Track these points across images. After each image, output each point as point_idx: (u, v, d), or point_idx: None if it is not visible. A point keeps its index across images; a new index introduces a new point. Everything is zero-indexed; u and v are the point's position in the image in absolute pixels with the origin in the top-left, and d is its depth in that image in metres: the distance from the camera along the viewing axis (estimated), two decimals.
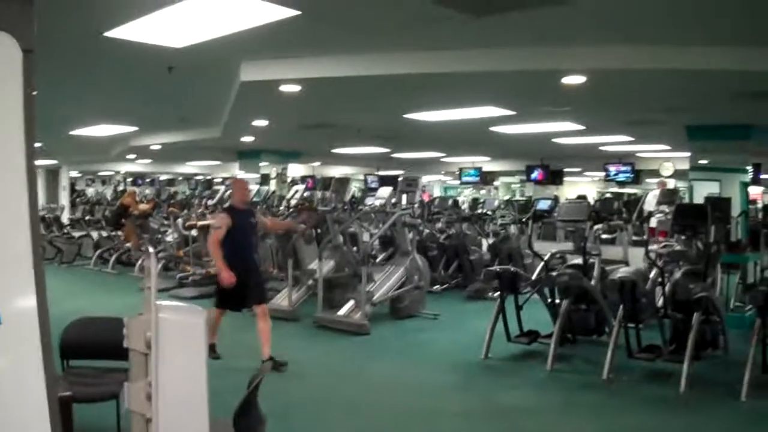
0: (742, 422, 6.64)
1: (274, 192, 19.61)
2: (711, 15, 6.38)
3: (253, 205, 11.42)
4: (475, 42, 7.46)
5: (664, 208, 12.77)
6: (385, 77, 8.40)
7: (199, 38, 7.06)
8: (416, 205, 15.08)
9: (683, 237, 9.18)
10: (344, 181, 16.36)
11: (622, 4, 6.17)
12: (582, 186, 29.78)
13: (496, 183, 29.05)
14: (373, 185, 22.86)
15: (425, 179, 30.14)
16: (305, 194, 18.73)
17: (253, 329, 8.67)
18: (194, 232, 13.86)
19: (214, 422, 3.00)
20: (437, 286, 13.39)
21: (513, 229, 15.85)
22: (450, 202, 17.71)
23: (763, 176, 18.81)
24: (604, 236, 15.61)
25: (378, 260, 12.68)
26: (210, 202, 17.74)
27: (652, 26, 6.80)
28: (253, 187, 18.27)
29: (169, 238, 15.50)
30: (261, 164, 21.23)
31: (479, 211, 18.74)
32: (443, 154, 21.96)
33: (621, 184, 21.02)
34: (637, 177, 19.70)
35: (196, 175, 32.44)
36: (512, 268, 9.09)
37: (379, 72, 8.25)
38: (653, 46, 7.37)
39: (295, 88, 9.18)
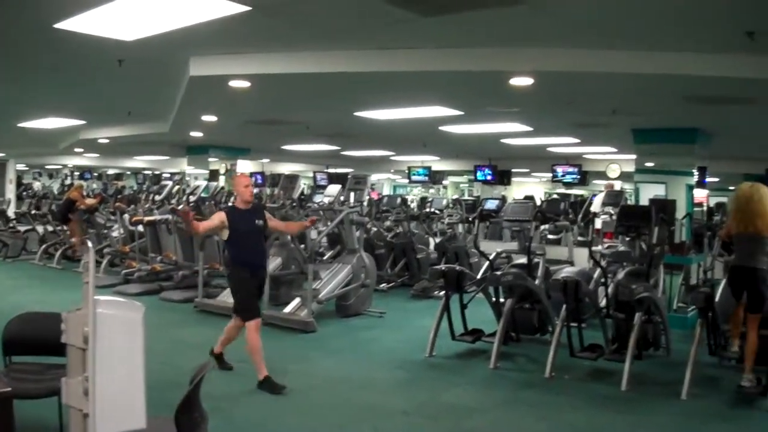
0: (683, 420, 6.75)
1: (222, 188, 19.50)
2: (658, 20, 6.49)
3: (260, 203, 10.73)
4: (424, 42, 7.51)
5: (609, 209, 12.93)
6: (334, 75, 8.41)
7: (150, 32, 7.04)
8: (365, 203, 15.11)
9: (627, 238, 9.29)
10: (293, 178, 16.35)
11: (569, 7, 6.25)
12: (530, 186, 29.97)
13: (445, 182, 29.15)
14: (323, 182, 22.83)
15: (375, 177, 30.19)
16: (255, 191, 18.64)
17: (196, 325, 8.67)
18: (140, 228, 13.74)
19: (156, 420, 2.99)
20: (384, 285, 13.43)
21: (461, 228, 15.93)
22: (398, 200, 17.75)
23: (708, 179, 19.07)
24: (550, 236, 15.76)
25: (325, 258, 12.69)
26: (157, 198, 17.60)
27: (600, 30, 6.89)
28: (202, 183, 18.16)
29: (115, 234, 15.35)
30: (210, 160, 21.12)
31: (427, 209, 18.81)
32: (393, 153, 22.02)
33: (568, 185, 21.19)
34: (584, 178, 19.86)
35: (144, 169, 32.16)
36: (457, 267, 9.15)
37: (329, 70, 8.26)
38: (600, 49, 7.47)
39: (245, 84, 9.16)
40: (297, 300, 10.44)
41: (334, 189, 12.93)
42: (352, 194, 12.85)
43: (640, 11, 6.27)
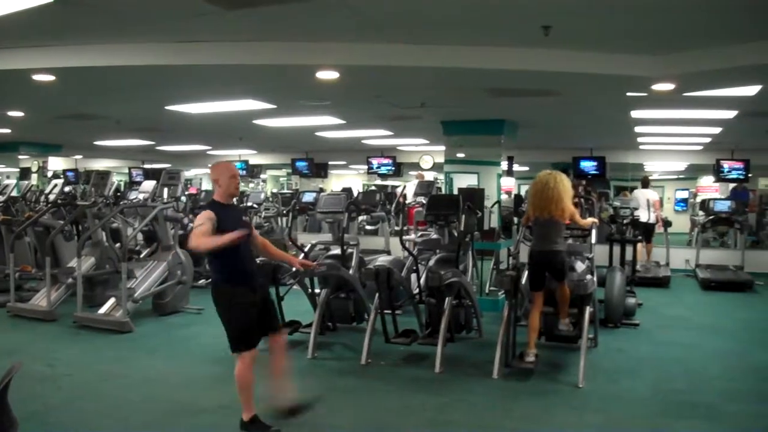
0: (494, 398, 7.07)
1: (34, 186, 18.86)
2: (458, 15, 6.72)
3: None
4: (230, 35, 7.53)
5: (421, 199, 13.25)
6: (141, 68, 8.31)
7: None
8: (183, 199, 14.93)
9: (437, 226, 9.56)
10: (105, 175, 15.96)
11: (372, 3, 6.41)
12: (348, 178, 30.29)
13: (263, 176, 29.09)
14: (138, 179, 22.39)
15: (194, 172, 29.80)
16: (66, 189, 18.09)
17: (8, 331, 8.38)
18: None
19: None
20: (202, 281, 13.30)
21: (280, 221, 15.99)
22: None
23: (518, 168, 19.78)
24: (368, 227, 15.99)
25: (142, 256, 12.49)
26: None
27: (402, 25, 7.08)
28: (11, 181, 17.54)
29: None
30: (20, 157, 20.44)
31: (245, 204, 18.76)
32: (209, 147, 21.80)
33: (384, 176, 21.55)
34: (399, 169, 20.26)
35: None
36: (273, 260, 9.19)
37: (136, 62, 8.15)
38: (402, 44, 7.67)
39: (49, 77, 8.93)
40: (112, 300, 10.21)
41: (149, 185, 12.73)
42: (166, 190, 12.65)
43: (440, 6, 6.48)
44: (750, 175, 17.37)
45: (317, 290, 9.18)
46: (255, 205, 18.40)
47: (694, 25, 6.91)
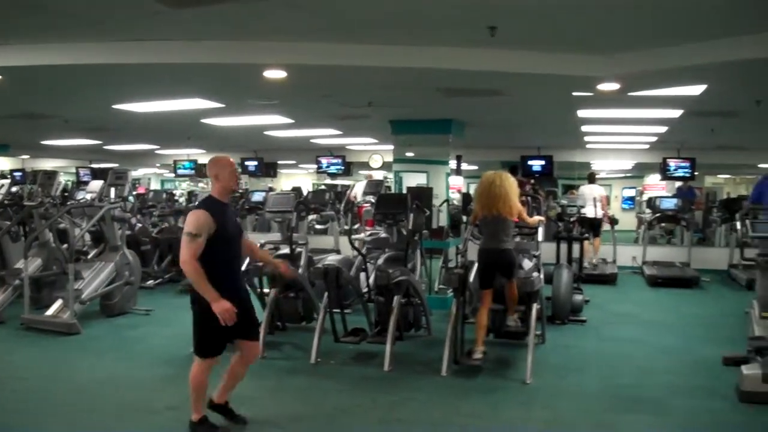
0: (443, 396, 7.12)
1: None
2: (405, 16, 6.77)
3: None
4: (177, 33, 7.52)
5: (370, 198, 13.28)
6: (87, 67, 8.27)
7: None
8: (131, 198, 14.80)
9: (386, 225, 9.59)
10: (52, 174, 15.79)
11: (319, 3, 6.44)
12: (298, 178, 30.24)
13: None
14: (86, 179, 22.14)
15: (142, 172, 29.58)
16: (13, 189, 17.83)
17: None
18: None
19: None
20: (151, 281, 13.19)
21: None
22: (164, 195, 17.50)
23: (467, 167, 19.92)
24: (318, 226, 15.97)
25: (90, 256, 12.36)
26: None
27: (350, 25, 7.12)
28: None
29: None
30: None
31: (193, 204, 18.63)
32: (157, 147, 21.66)
33: (333, 175, 21.56)
34: (348, 169, 20.28)
35: None
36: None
37: (82, 61, 8.10)
38: (350, 44, 7.71)
39: None
40: (59, 302, 10.07)
41: (96, 185, 12.61)
42: (113, 190, 12.53)
43: (386, 7, 6.52)
44: (696, 173, 17.64)
45: (266, 290, 9.16)
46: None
47: (639, 26, 7.04)
